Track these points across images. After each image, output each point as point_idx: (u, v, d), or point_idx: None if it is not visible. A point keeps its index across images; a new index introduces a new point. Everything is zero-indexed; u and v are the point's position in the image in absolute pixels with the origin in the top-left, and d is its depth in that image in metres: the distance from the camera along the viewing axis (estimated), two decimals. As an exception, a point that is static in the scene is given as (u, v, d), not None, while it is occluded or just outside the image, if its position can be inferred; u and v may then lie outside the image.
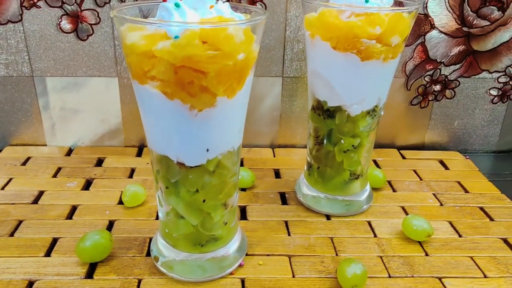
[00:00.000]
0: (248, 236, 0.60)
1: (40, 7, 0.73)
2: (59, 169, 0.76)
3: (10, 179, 0.72)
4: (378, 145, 0.88)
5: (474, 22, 0.79)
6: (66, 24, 0.75)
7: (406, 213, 0.67)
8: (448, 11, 0.78)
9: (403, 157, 0.85)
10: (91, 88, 0.80)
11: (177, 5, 0.40)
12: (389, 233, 0.62)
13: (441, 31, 0.80)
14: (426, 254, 0.58)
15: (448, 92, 0.85)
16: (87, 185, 0.72)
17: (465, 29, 0.80)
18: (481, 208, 0.69)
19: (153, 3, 0.49)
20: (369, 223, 0.64)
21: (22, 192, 0.68)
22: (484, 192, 0.73)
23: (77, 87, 0.80)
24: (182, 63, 0.39)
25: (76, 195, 0.68)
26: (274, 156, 0.84)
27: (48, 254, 0.56)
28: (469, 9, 0.78)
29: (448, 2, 0.78)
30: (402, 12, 0.54)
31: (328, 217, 0.66)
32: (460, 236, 0.62)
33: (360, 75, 0.56)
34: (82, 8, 0.74)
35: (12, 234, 0.59)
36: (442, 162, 0.83)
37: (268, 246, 0.58)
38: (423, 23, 0.79)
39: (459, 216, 0.67)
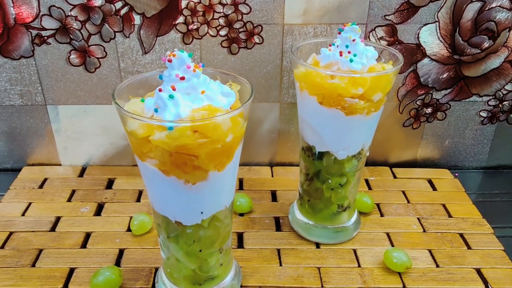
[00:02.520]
0: (243, 267, 0.67)
1: (50, 43, 0.78)
2: (73, 192, 0.83)
3: (30, 204, 0.79)
4: (371, 163, 0.92)
5: (465, 50, 0.82)
6: (75, 59, 0.79)
7: (391, 240, 0.73)
8: (440, 40, 0.81)
9: (394, 176, 0.90)
10: (100, 115, 0.85)
11: (171, 96, 0.45)
12: (372, 262, 0.68)
13: (432, 59, 0.83)
14: (404, 286, 0.64)
15: (439, 114, 0.89)
16: (99, 210, 0.79)
17: (456, 56, 0.82)
18: (461, 235, 0.74)
19: (154, 74, 0.53)
20: (354, 251, 0.70)
21: (41, 218, 0.75)
22: (466, 217, 0.78)
23: (86, 114, 0.85)
24: (176, 150, 0.44)
25: (89, 222, 0.75)
26: (272, 176, 0.89)
27: (65, 285, 0.63)
28: (460, 39, 0.81)
29: (440, 32, 0.80)
30: (385, 73, 0.57)
31: (317, 244, 0.72)
32: (437, 266, 0.68)
33: (345, 127, 0.61)
34: (89, 44, 0.78)
35: (33, 264, 0.66)
36: (430, 182, 0.88)
37: (260, 277, 0.65)
38: (415, 52, 0.82)
39: (439, 243, 0.72)
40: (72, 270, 0.66)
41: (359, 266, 0.68)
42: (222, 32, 0.79)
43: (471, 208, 0.81)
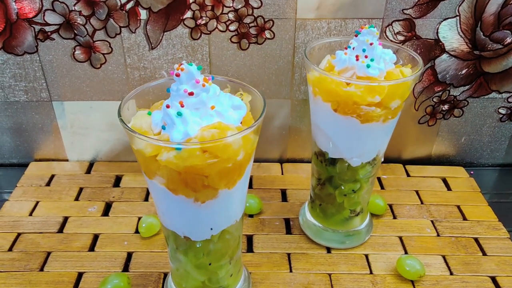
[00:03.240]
0: (253, 273, 0.66)
1: (54, 39, 0.75)
2: (81, 190, 0.82)
3: (37, 203, 0.78)
4: (385, 159, 0.90)
5: (486, 46, 0.78)
6: (80, 54, 0.77)
7: (404, 245, 0.71)
8: (460, 35, 0.77)
9: (408, 175, 0.87)
10: (106, 111, 0.83)
11: (179, 114, 0.42)
12: (385, 269, 0.67)
13: (451, 55, 0.79)
14: (417, 295, 0.63)
15: (456, 111, 0.86)
16: (107, 210, 0.78)
17: (476, 52, 0.79)
18: (476, 240, 0.72)
19: (162, 82, 0.51)
20: (366, 256, 0.69)
21: (48, 218, 0.75)
22: (481, 220, 0.76)
23: (93, 110, 0.83)
24: (185, 170, 0.42)
25: (96, 222, 0.74)
26: (282, 174, 0.87)
27: (74, 291, 0.63)
28: (481, 34, 0.77)
29: (460, 27, 0.76)
30: (404, 81, 0.54)
31: (328, 249, 0.70)
32: (451, 273, 0.66)
33: (359, 135, 0.58)
34: (94, 39, 0.76)
35: (42, 268, 0.66)
36: (445, 181, 0.86)
37: (270, 284, 0.64)
38: (433, 48, 0.78)
39: (453, 249, 0.70)
40: (80, 275, 0.65)
41: (371, 273, 0.66)
42: (232, 27, 0.75)
43: (487, 210, 0.78)
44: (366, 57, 0.56)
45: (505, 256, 0.69)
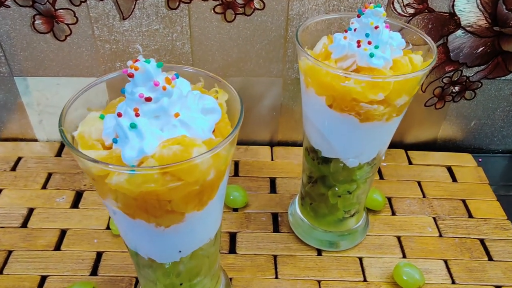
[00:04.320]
0: (234, 279, 0.59)
1: (9, 6, 0.65)
2: (49, 176, 0.74)
3: (1, 191, 0.71)
4: (384, 143, 0.82)
5: (508, 21, 0.68)
6: (41, 25, 0.67)
7: (402, 247, 0.64)
8: (479, 9, 0.67)
9: (410, 162, 0.80)
10: (76, 88, 0.74)
11: (132, 125, 0.34)
12: (380, 276, 0.61)
13: (467, 31, 0.69)
14: (414, 308, 0.57)
15: (468, 93, 0.77)
16: (77, 200, 0.70)
17: (496, 28, 0.69)
18: (482, 242, 0.66)
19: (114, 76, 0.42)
20: (360, 260, 0.63)
21: (12, 210, 0.68)
22: (488, 217, 0.69)
23: (60, 87, 0.74)
24: (141, 195, 0.34)
25: (65, 216, 0.67)
26: (272, 159, 0.79)
27: (35, 298, 0.57)
28: (504, 7, 0.66)
29: (480, 0, 0.66)
30: (414, 76, 0.45)
31: (319, 251, 0.64)
32: (453, 282, 0.60)
33: (358, 135, 0.50)
34: (56, 7, 0.65)
35: (1, 271, 0.59)
36: (450, 170, 0.78)
37: (253, 293, 0.58)
38: (447, 23, 0.68)
39: (456, 252, 0.64)
40: (43, 279, 0.59)
41: (364, 280, 0.60)
42: (215, -4, 0.65)
43: (495, 206, 0.71)
44: (369, 43, 0.46)
45: (513, 262, 0.63)
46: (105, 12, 0.66)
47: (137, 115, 0.34)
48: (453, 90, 0.76)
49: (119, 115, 0.35)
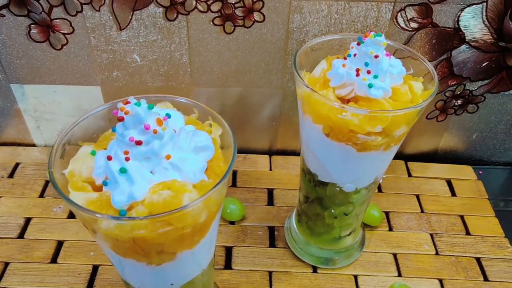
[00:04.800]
0: (229, 296, 0.60)
1: (4, 15, 0.64)
2: (47, 183, 0.74)
3: (-2, 199, 0.71)
4: (384, 154, 0.81)
5: (514, 37, 0.66)
6: (36, 34, 0.66)
7: (398, 265, 0.64)
8: (485, 24, 0.65)
9: (409, 174, 0.79)
10: (72, 96, 0.74)
11: (122, 170, 0.33)
12: (374, 295, 0.61)
13: (472, 46, 0.67)
14: (407, 330, 0.57)
15: (470, 107, 0.75)
16: (74, 210, 0.70)
17: (501, 44, 0.67)
18: (478, 260, 0.66)
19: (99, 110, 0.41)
20: (355, 278, 0.63)
21: (9, 220, 0.68)
22: (486, 235, 0.69)
23: (57, 94, 0.73)
24: (131, 240, 0.34)
25: (61, 226, 0.67)
26: (271, 169, 0.79)
27: (31, 314, 0.57)
28: (510, 23, 0.65)
29: (486, 15, 0.64)
30: (414, 110, 0.44)
31: (314, 267, 0.64)
32: (447, 303, 0.60)
33: (355, 163, 0.49)
34: (52, 17, 0.64)
35: (-3, 284, 0.60)
36: (450, 184, 0.78)
37: (247, 312, 0.58)
38: (451, 38, 0.67)
39: (452, 272, 0.64)
40: (39, 293, 0.59)
41: (359, 299, 0.61)
42: (214, 8, 0.63)
43: (493, 223, 0.71)
44: (368, 72, 0.45)
45: (508, 283, 0.63)
46: (102, 23, 0.65)
47: (127, 159, 0.34)
48: (456, 104, 0.75)
49: (109, 158, 0.34)
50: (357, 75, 0.46)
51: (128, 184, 0.34)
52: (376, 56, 0.45)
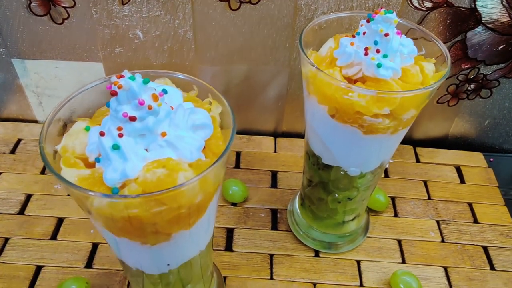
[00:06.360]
0: (228, 278, 0.59)
1: (3, -14, 0.62)
2: (48, 160, 0.73)
3: (0, 174, 0.71)
4: (392, 138, 0.79)
5: (534, 19, 0.63)
6: (37, 7, 0.64)
7: (402, 252, 0.63)
8: (503, 5, 0.62)
9: (418, 160, 0.77)
10: (74, 72, 0.72)
11: (115, 146, 0.32)
12: (377, 281, 0.60)
13: (488, 28, 0.64)
14: (409, 318, 0.56)
15: (484, 92, 0.73)
16: (75, 187, 0.70)
17: (520, 25, 0.64)
18: (485, 249, 0.64)
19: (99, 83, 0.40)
20: (358, 263, 0.62)
21: (10, 196, 0.67)
22: (494, 224, 0.67)
23: (59, 70, 0.72)
24: (124, 220, 0.33)
25: (62, 203, 0.67)
26: (275, 151, 0.77)
27: (30, 289, 0.57)
28: (530, 4, 0.62)
29: (505, -6, 0.61)
30: (424, 91, 0.42)
31: (316, 251, 0.63)
32: (451, 291, 0.59)
33: (361, 146, 0.47)
34: (53, -11, 0.62)
35: (-3, 259, 0.60)
36: (459, 170, 0.75)
37: (247, 294, 0.58)
38: (467, 18, 0.64)
39: (457, 260, 0.62)
40: (38, 269, 0.59)
41: (361, 285, 0.59)
42: (219, -18, 0.61)
43: (502, 211, 0.69)
44: (378, 51, 0.43)
45: (515, 273, 0.61)
46: (104, -4, 0.63)
47: (120, 135, 0.32)
48: (468, 88, 0.72)
49: (102, 134, 0.33)
50: (366, 54, 0.43)
51: (121, 161, 0.32)
52: (386, 35, 0.43)
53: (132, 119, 0.32)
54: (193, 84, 0.40)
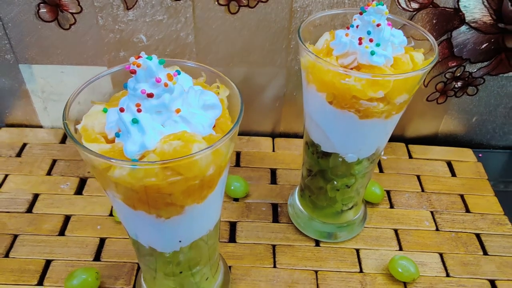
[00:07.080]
0: (233, 267, 0.61)
1: (14, -6, 0.65)
2: (54, 162, 0.75)
3: (6, 176, 0.72)
4: (385, 136, 0.82)
5: (513, 18, 0.68)
6: (45, 13, 0.67)
7: (399, 240, 0.66)
8: (484, 5, 0.67)
9: (410, 156, 0.80)
10: (79, 76, 0.75)
11: (134, 121, 0.35)
12: (376, 267, 0.62)
13: (471, 27, 0.69)
14: (408, 299, 0.59)
15: (470, 89, 0.77)
16: (80, 187, 0.72)
17: (500, 25, 0.68)
18: (478, 236, 0.67)
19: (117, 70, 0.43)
20: (357, 252, 0.64)
21: (17, 196, 0.69)
22: (485, 213, 0.70)
23: (65, 75, 0.75)
24: (142, 189, 0.36)
25: (69, 202, 0.69)
26: (274, 150, 0.80)
27: (40, 282, 0.58)
28: (509, 4, 0.66)
29: (486, -5, 0.66)
30: (415, 75, 0.46)
31: (317, 241, 0.65)
32: (447, 275, 0.62)
33: (357, 131, 0.51)
34: (61, -4, 0.66)
35: (7, 254, 0.61)
36: (450, 165, 0.79)
37: (251, 281, 0.59)
38: (452, 18, 0.68)
39: (452, 246, 0.65)
40: (48, 263, 0.60)
41: (361, 271, 0.62)
42: (220, -13, 0.65)
43: (493, 202, 0.72)
44: (371, 40, 0.47)
45: (507, 257, 0.64)
46: (109, 2, 0.66)
47: (139, 110, 0.35)
48: (456, 86, 0.76)
49: (122, 110, 0.35)
50: (360, 43, 0.47)
51: (140, 134, 0.35)
52: (378, 25, 0.46)
53: (150, 95, 0.35)
54: (201, 71, 0.43)
